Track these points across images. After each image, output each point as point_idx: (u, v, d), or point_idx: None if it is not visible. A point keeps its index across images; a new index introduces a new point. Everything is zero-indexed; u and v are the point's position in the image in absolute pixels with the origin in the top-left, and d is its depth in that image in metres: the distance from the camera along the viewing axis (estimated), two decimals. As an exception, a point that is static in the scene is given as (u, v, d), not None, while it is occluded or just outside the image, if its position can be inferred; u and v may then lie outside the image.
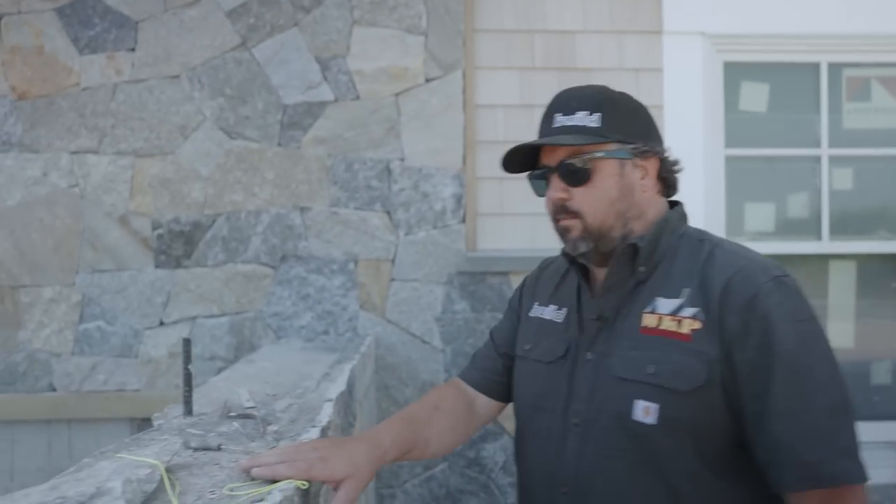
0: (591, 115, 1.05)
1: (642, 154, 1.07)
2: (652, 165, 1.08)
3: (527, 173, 1.15)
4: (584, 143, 1.04)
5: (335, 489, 0.94)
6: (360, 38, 2.47)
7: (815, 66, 2.70)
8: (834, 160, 2.71)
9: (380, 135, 2.48)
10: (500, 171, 2.70)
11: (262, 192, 2.46)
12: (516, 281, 2.49)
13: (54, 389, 2.45)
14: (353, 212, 2.48)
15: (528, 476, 1.15)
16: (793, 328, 0.94)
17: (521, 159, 1.13)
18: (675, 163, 1.12)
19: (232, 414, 1.37)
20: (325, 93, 2.47)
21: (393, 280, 2.50)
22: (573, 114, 1.06)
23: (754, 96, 2.71)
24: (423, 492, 2.50)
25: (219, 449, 1.14)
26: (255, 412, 1.38)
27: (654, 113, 2.71)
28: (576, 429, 1.06)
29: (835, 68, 2.71)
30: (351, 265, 2.49)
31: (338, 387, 1.59)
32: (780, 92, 2.71)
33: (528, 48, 2.56)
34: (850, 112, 2.73)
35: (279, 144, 2.46)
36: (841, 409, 0.93)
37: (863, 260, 2.76)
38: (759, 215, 2.72)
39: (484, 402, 1.27)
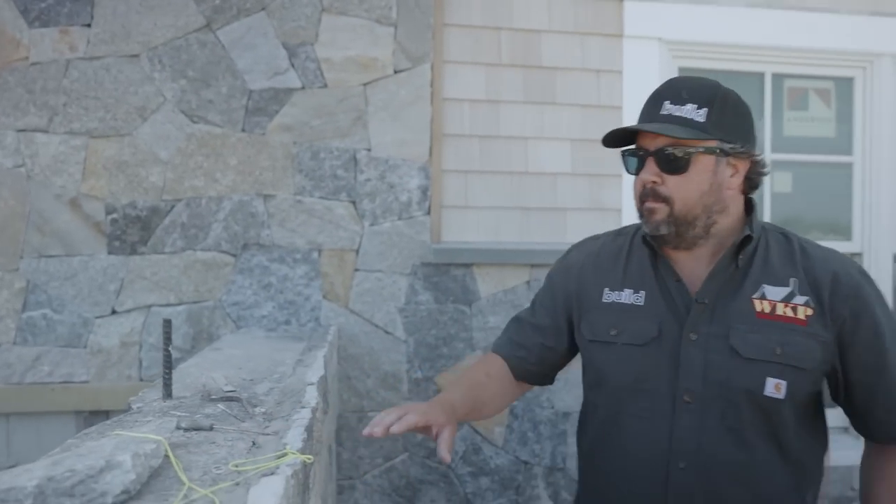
0: (699, 109, 1.09)
1: (737, 154, 1.12)
2: (743, 165, 1.14)
3: (622, 149, 1.18)
4: (687, 138, 1.08)
5: (435, 438, 1.09)
6: (328, 26, 2.45)
7: (761, 76, 2.87)
8: (776, 164, 2.89)
9: (347, 124, 2.47)
10: (465, 165, 2.74)
11: (225, 178, 2.40)
12: (480, 273, 2.54)
13: (-7, 381, 2.31)
14: (318, 201, 2.46)
15: (627, 456, 1.16)
16: (885, 312, 1.14)
17: (618, 135, 1.16)
18: (764, 165, 1.18)
19: (214, 397, 1.34)
20: (293, 80, 2.43)
21: (357, 270, 2.49)
22: (683, 104, 1.10)
23: (705, 101, 2.85)
24: (384, 482, 2.50)
25: (211, 429, 1.12)
26: (237, 395, 1.35)
27: (613, 114, 2.79)
28: (688, 406, 1.12)
29: (777, 78, 2.89)
30: (315, 255, 2.46)
31: (316, 371, 1.58)
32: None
33: (495, 45, 2.60)
34: (790, 120, 2.91)
35: (243, 130, 2.41)
36: None
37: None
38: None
39: (521, 386, 1.35)
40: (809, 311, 1.10)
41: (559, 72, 2.64)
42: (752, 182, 1.17)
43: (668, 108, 1.10)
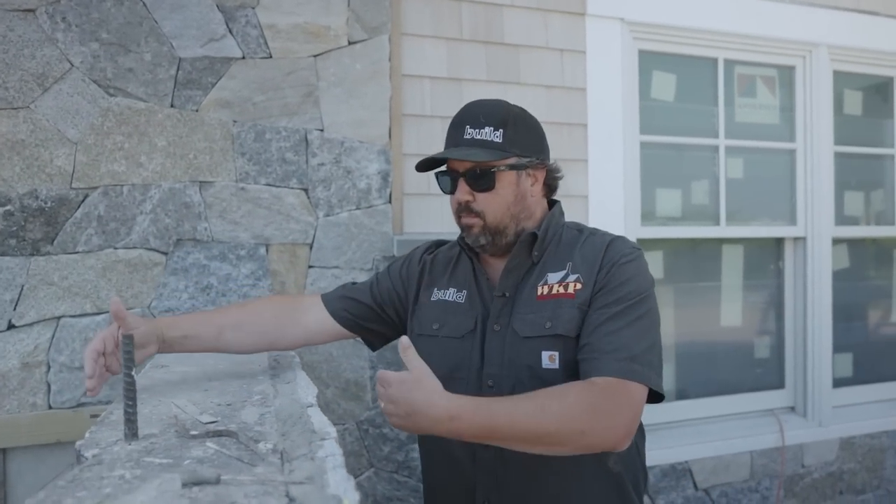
0: (496, 130, 1.23)
1: (534, 166, 1.28)
2: (541, 174, 1.30)
3: (434, 171, 1.30)
4: (491, 159, 1.21)
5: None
6: (272, -13, 2.13)
7: (714, 61, 2.86)
8: (729, 151, 2.90)
9: (296, 101, 2.16)
10: (427, 148, 2.50)
11: (151, 162, 2.02)
12: (447, 266, 2.32)
13: None
14: (264, 188, 2.14)
15: (445, 440, 1.25)
16: (640, 283, 1.20)
17: (430, 160, 1.28)
18: (558, 170, 1.34)
19: (195, 432, 1.04)
20: (231, 48, 2.09)
21: (311, 267, 2.20)
22: (482, 128, 1.23)
23: (663, 86, 2.80)
24: None
25: (218, 482, 0.84)
26: (227, 427, 1.07)
27: (578, 95, 2.66)
28: (490, 389, 1.24)
29: (729, 64, 2.89)
30: (262, 250, 2.14)
31: (307, 390, 1.31)
32: (684, 83, 2.83)
33: (456, 18, 2.39)
34: (740, 106, 2.93)
35: (173, 105, 2.04)
36: (656, 345, 1.20)
37: (749, 243, 2.99)
38: (669, 200, 2.82)
39: (321, 323, 1.44)
40: (579, 286, 1.21)
41: (522, 50, 2.48)
42: (550, 186, 1.34)
43: (470, 132, 1.24)
